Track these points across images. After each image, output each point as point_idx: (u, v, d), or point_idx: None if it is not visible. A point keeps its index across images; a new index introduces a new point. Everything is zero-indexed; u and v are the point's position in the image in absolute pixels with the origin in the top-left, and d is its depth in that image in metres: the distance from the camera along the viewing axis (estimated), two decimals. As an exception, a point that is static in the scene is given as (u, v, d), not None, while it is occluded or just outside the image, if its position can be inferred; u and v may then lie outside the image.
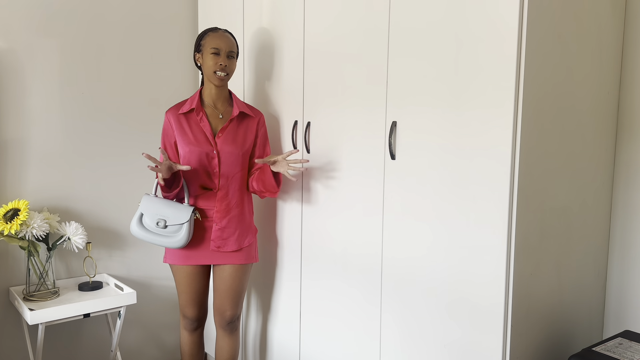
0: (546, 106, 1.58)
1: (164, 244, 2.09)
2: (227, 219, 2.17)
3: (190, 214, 2.08)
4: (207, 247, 2.18)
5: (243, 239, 2.20)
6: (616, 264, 1.91)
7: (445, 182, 1.67)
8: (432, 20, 1.67)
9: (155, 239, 2.10)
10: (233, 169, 2.16)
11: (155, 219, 2.10)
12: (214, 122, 2.16)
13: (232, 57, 2.14)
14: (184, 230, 2.08)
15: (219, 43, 2.12)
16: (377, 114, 1.87)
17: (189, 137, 2.12)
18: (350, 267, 2.02)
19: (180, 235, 2.08)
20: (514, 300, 1.55)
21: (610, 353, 1.55)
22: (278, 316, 2.41)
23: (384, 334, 1.91)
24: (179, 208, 2.09)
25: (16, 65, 2.36)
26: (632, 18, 1.84)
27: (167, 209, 2.10)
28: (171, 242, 2.09)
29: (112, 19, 2.59)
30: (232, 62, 2.15)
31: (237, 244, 2.19)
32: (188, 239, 2.09)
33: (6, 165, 2.37)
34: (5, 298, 2.42)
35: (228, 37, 2.15)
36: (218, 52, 2.11)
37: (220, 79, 2.12)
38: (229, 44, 2.13)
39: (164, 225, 2.09)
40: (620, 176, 1.89)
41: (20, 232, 2.21)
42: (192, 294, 2.24)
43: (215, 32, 2.15)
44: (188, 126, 2.14)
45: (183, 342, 2.35)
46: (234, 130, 2.17)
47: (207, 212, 2.17)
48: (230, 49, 2.13)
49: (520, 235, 1.55)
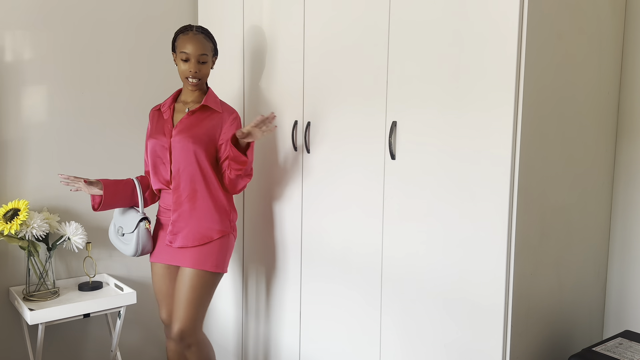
0: (546, 107, 1.58)
1: (124, 251, 2.16)
2: (177, 213, 2.07)
3: (137, 222, 2.09)
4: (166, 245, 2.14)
5: (195, 237, 2.06)
6: (616, 264, 1.91)
7: (445, 182, 1.67)
8: (433, 21, 1.67)
9: (119, 245, 2.17)
10: (184, 160, 2.05)
11: (117, 226, 2.18)
12: (177, 117, 2.12)
13: (204, 61, 2.05)
14: (133, 239, 2.09)
15: (189, 47, 2.02)
16: (377, 114, 1.87)
17: (151, 130, 2.14)
18: (350, 267, 2.02)
19: (131, 244, 2.11)
20: (514, 300, 1.55)
21: (610, 353, 1.55)
22: (278, 317, 2.41)
23: (384, 334, 1.91)
24: (131, 217, 2.13)
25: (16, 65, 2.36)
26: (632, 18, 1.84)
27: (123, 217, 2.16)
28: (127, 249, 2.13)
29: (112, 19, 2.58)
30: (204, 67, 2.06)
31: (185, 240, 2.06)
32: (136, 247, 2.09)
33: (6, 165, 2.37)
34: (5, 298, 2.42)
35: (199, 40, 2.04)
36: (188, 58, 2.03)
37: (193, 85, 2.07)
38: (199, 47, 2.03)
39: (122, 233, 2.15)
40: (620, 176, 1.89)
41: (20, 232, 2.21)
42: (160, 295, 2.19)
43: (186, 34, 2.05)
44: (156, 121, 2.14)
45: (169, 351, 2.23)
46: (193, 123, 2.07)
47: (167, 206, 2.13)
48: (201, 53, 2.03)
49: (520, 235, 1.55)
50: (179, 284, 2.08)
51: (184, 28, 2.09)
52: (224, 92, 2.61)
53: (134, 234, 2.09)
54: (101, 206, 2.09)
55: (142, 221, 2.09)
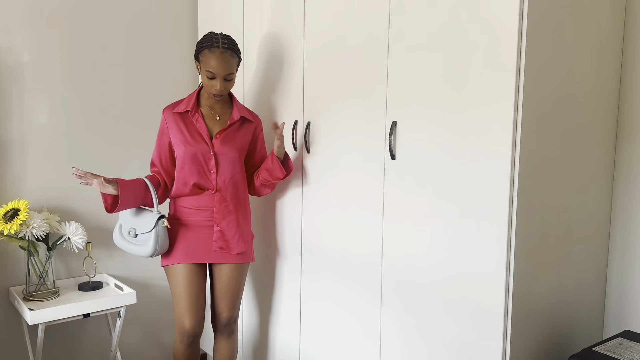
0: (546, 106, 1.58)
1: (137, 252, 2.11)
2: (226, 221, 2.15)
3: (155, 221, 2.06)
4: (204, 246, 2.15)
5: (243, 241, 2.19)
6: (616, 264, 1.91)
7: (445, 182, 1.67)
8: (433, 21, 1.67)
9: (130, 247, 2.13)
10: (230, 171, 2.14)
11: (128, 228, 2.14)
12: (210, 123, 2.14)
13: (229, 79, 2.06)
14: (152, 238, 2.06)
15: (215, 67, 2.00)
16: (377, 114, 1.87)
17: (185, 137, 2.10)
18: (350, 267, 2.02)
19: (148, 243, 2.07)
20: (514, 301, 1.55)
21: (610, 353, 1.55)
22: (278, 316, 2.41)
23: (384, 333, 1.91)
24: (147, 216, 2.10)
25: (16, 65, 2.36)
26: (632, 18, 1.84)
27: (136, 218, 2.13)
28: (142, 250, 2.09)
29: (113, 19, 2.58)
30: (229, 84, 2.07)
31: (239, 247, 2.17)
32: (155, 247, 2.07)
33: (6, 165, 2.37)
34: (5, 298, 2.42)
35: (226, 58, 2.01)
36: (214, 77, 2.03)
37: (216, 99, 2.10)
38: (225, 67, 2.01)
39: (134, 235, 2.12)
40: (620, 176, 1.89)
41: (20, 232, 2.21)
42: (190, 297, 2.11)
43: (213, 51, 2.00)
44: (184, 126, 2.11)
45: (177, 354, 2.20)
46: (233, 134, 2.14)
47: (202, 212, 2.14)
48: (228, 72, 2.03)
49: (521, 236, 1.55)
50: (223, 278, 2.19)
51: (210, 41, 2.03)
52: (224, 92, 2.61)
53: (152, 233, 2.06)
54: (118, 207, 2.05)
55: (161, 219, 2.08)
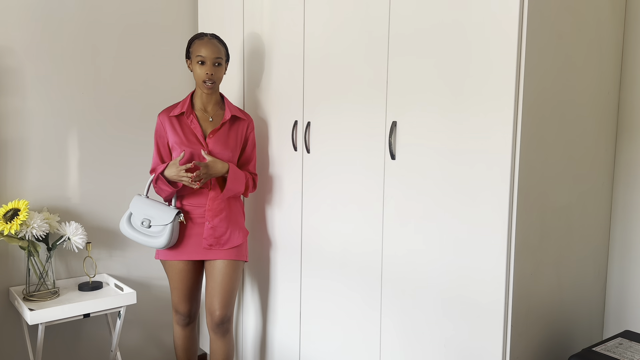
0: (546, 105, 1.58)
1: (147, 243, 2.17)
2: (218, 218, 2.22)
3: (174, 216, 2.15)
4: (198, 243, 2.23)
5: (235, 238, 2.24)
6: (616, 264, 1.91)
7: (445, 182, 1.67)
8: (433, 21, 1.67)
9: (140, 237, 2.18)
10: None
11: (141, 218, 2.19)
12: (204, 125, 2.23)
13: (218, 64, 2.18)
14: (167, 231, 2.14)
15: (204, 51, 2.14)
16: (378, 114, 1.87)
17: (181, 138, 2.19)
18: (350, 267, 2.02)
19: (163, 236, 2.15)
20: (514, 300, 1.55)
21: (610, 353, 1.55)
22: (278, 316, 2.41)
23: (384, 333, 1.91)
24: (164, 210, 2.17)
25: (16, 66, 2.36)
26: (632, 18, 1.84)
27: (153, 210, 2.18)
28: (154, 242, 2.16)
29: (111, 20, 2.59)
30: (219, 70, 2.19)
31: (229, 242, 2.24)
32: (169, 240, 2.15)
33: (6, 165, 2.37)
34: (5, 298, 2.42)
35: (214, 44, 2.17)
36: (204, 61, 2.15)
37: (208, 88, 2.18)
38: (214, 51, 2.15)
39: (148, 225, 2.17)
40: (620, 176, 1.89)
41: (20, 232, 2.21)
42: (184, 290, 2.29)
43: (201, 39, 2.18)
44: (180, 128, 2.20)
45: (176, 336, 2.40)
46: (226, 133, 2.23)
47: (198, 210, 2.22)
48: (217, 56, 2.16)
49: (520, 235, 1.55)
50: (215, 275, 2.23)
51: (198, 35, 2.21)
52: (224, 92, 2.61)
53: (168, 227, 2.14)
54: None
55: (179, 214, 2.17)
